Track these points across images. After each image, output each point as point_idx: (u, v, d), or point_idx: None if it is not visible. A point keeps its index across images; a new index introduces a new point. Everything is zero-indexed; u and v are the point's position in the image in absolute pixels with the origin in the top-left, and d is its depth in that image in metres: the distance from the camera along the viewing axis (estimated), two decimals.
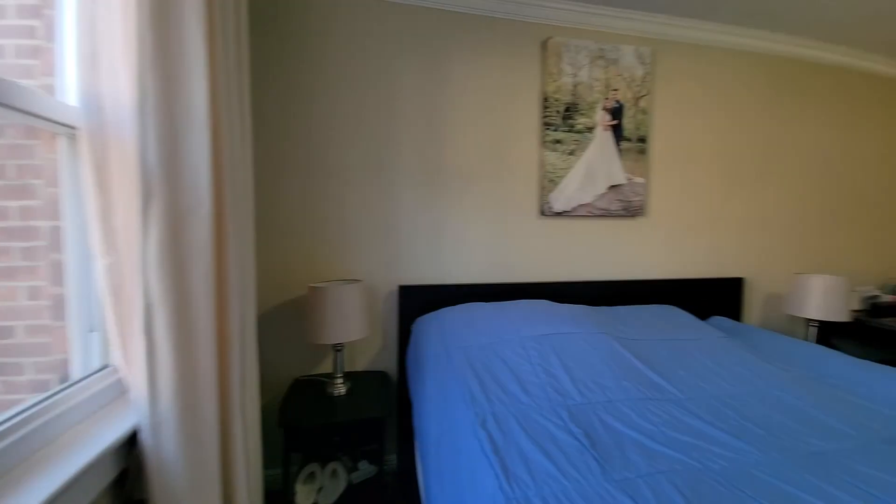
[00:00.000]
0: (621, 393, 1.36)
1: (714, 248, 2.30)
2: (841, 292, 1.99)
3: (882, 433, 1.18)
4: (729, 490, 0.93)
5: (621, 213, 2.08)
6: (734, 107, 2.26)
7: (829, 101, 2.42)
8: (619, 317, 1.83)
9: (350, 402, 1.58)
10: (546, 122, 1.94)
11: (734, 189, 2.30)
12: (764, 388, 1.45)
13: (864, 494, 0.92)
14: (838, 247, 2.54)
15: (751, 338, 1.87)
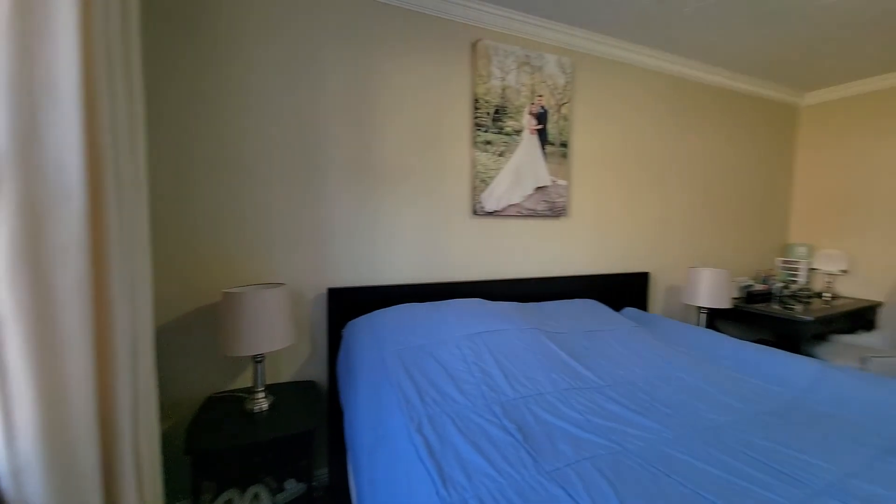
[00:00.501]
0: (550, 385, 1.42)
1: (625, 246, 2.53)
2: (724, 283, 2.31)
3: (765, 406, 1.38)
4: (645, 469, 1.01)
5: (547, 214, 2.18)
6: (640, 119, 2.50)
7: (714, 117, 2.80)
8: (546, 312, 1.92)
9: (273, 417, 1.44)
10: (477, 123, 1.97)
11: (640, 193, 2.55)
12: (669, 370, 1.62)
13: (752, 461, 1.06)
14: (722, 244, 2.95)
15: (656, 326, 2.08)
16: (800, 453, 1.09)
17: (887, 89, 2.74)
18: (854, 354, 2.30)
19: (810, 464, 1.04)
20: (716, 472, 1.00)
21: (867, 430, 1.20)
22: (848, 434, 1.18)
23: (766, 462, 1.05)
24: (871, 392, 1.38)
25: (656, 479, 0.97)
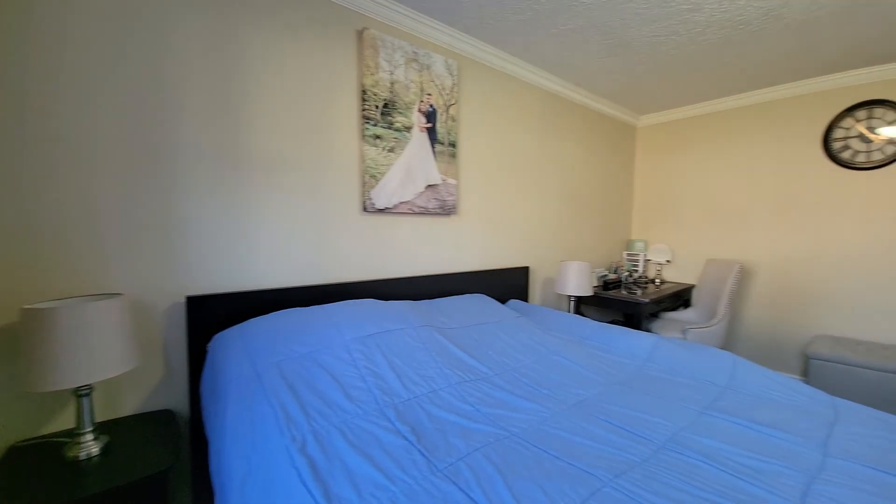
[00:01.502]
0: (443, 381, 1.43)
1: (509, 243, 2.73)
2: (586, 274, 2.66)
3: (619, 377, 1.62)
4: (528, 449, 1.08)
5: (438, 212, 2.22)
6: (519, 127, 2.72)
7: (577, 130, 3.21)
8: (439, 308, 1.95)
9: (108, 463, 1.14)
10: (365, 116, 1.88)
11: (520, 194, 2.78)
12: (546, 354, 1.78)
13: (611, 426, 1.22)
14: (584, 240, 3.41)
15: (536, 315, 2.30)
16: (644, 414, 1.30)
17: (694, 117, 3.50)
18: (678, 327, 2.89)
19: (653, 423, 1.25)
20: (584, 442, 1.13)
21: (691, 389, 1.50)
22: (678, 395, 1.46)
23: (620, 426, 1.23)
24: (690, 357, 1.73)
25: (538, 458, 1.04)
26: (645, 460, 1.05)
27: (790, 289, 3.02)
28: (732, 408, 1.35)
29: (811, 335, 2.90)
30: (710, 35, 2.25)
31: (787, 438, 1.16)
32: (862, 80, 2.66)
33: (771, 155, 3.10)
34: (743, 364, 1.63)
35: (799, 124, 2.96)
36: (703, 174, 3.48)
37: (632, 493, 0.91)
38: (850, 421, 1.25)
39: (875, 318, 2.67)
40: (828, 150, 2.84)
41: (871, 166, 2.67)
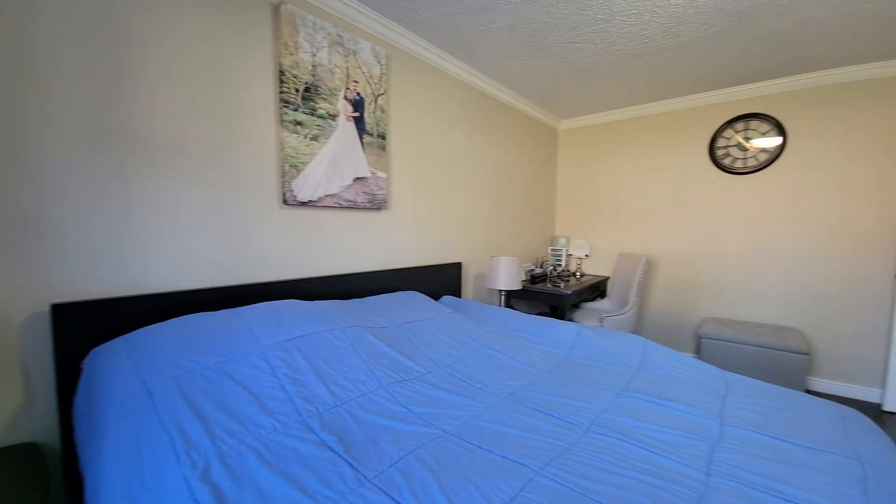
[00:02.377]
0: (374, 383, 1.35)
1: (442, 239, 2.71)
2: (515, 268, 2.75)
3: (547, 366, 1.67)
4: (462, 446, 1.06)
5: (368, 206, 2.11)
6: (450, 123, 2.72)
7: (506, 130, 3.30)
8: (370, 307, 1.85)
9: None
10: (284, 100, 1.72)
11: (452, 190, 2.78)
12: (479, 348, 1.79)
13: (540, 415, 1.25)
14: (513, 236, 3.53)
15: (469, 310, 2.31)
16: (571, 400, 1.35)
17: (608, 123, 3.81)
18: (596, 316, 3.12)
19: (578, 407, 1.30)
20: (516, 433, 1.13)
21: (609, 373, 1.60)
22: (599, 379, 1.54)
23: (549, 413, 1.26)
24: (608, 343, 1.85)
25: (472, 455, 1.02)
26: (573, 445, 1.08)
27: (685, 278, 3.43)
28: (645, 387, 1.47)
29: (701, 318, 3.33)
30: (621, 46, 2.44)
31: (690, 411, 1.28)
32: (741, 96, 3.10)
33: (669, 160, 3.48)
34: (652, 346, 1.79)
35: (691, 133, 3.36)
36: (615, 176, 3.80)
37: (561, 479, 0.92)
38: (738, 392, 1.43)
39: (751, 302, 3.13)
40: (713, 157, 3.27)
41: (746, 171, 3.13)
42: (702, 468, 0.99)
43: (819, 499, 0.85)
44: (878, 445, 1.07)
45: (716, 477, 0.95)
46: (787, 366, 2.62)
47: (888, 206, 2.61)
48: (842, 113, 2.74)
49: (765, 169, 3.06)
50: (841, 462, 0.99)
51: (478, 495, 0.86)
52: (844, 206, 2.76)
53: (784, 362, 2.63)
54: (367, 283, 2.12)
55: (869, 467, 0.96)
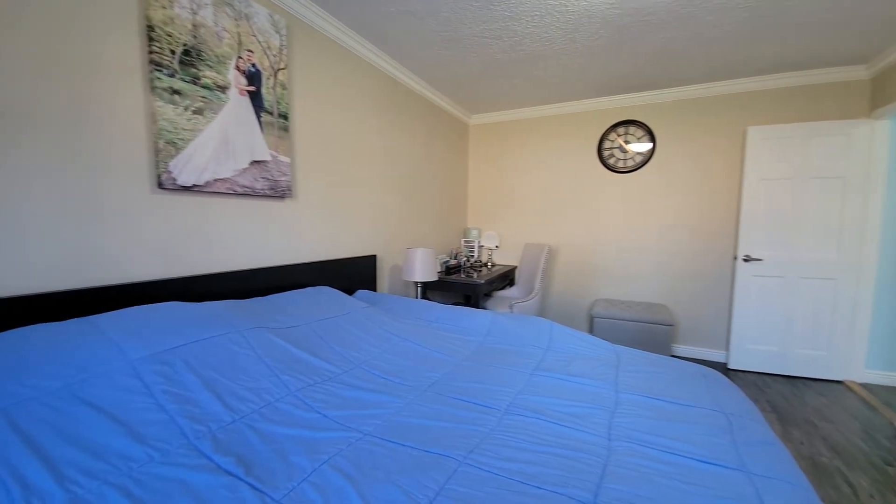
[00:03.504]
0: (282, 390, 1.21)
1: (355, 230, 2.57)
2: (431, 260, 2.75)
3: (465, 354, 1.69)
4: (383, 446, 1.00)
5: (269, 194, 1.89)
6: (361, 109, 2.58)
7: (419, 121, 3.26)
8: (275, 306, 1.66)
9: None
10: (156, 62, 1.43)
11: (365, 179, 2.66)
12: (397, 342, 1.74)
13: (461, 403, 1.25)
14: (427, 228, 3.53)
15: (385, 303, 2.23)
16: (489, 385, 1.38)
17: (514, 120, 4.02)
18: (506, 303, 3.29)
19: (496, 391, 1.33)
20: (438, 425, 1.11)
21: (522, 356, 1.68)
22: (513, 362, 1.61)
23: (469, 401, 1.27)
24: (519, 328, 1.95)
25: (394, 454, 0.97)
26: (493, 429, 1.10)
27: (580, 264, 3.82)
28: (553, 366, 1.58)
29: (593, 299, 3.74)
30: (526, 46, 2.57)
31: (591, 384, 1.41)
32: (622, 104, 3.52)
33: (566, 157, 3.81)
34: (557, 328, 1.94)
35: (584, 134, 3.72)
36: (520, 171, 4.04)
37: (485, 465, 0.93)
38: (627, 362, 1.62)
39: (631, 283, 3.62)
40: (601, 157, 3.67)
41: (627, 170, 3.58)
42: (604, 434, 1.09)
43: (696, 448, 1.00)
44: (735, 398, 1.30)
45: (616, 441, 1.05)
46: (658, 336, 3.08)
47: (729, 203, 3.22)
48: (698, 122, 3.29)
49: (640, 169, 3.53)
50: (710, 415, 1.17)
51: (401, 496, 0.81)
52: (699, 203, 3.33)
53: (655, 333, 3.09)
54: (270, 280, 1.91)
55: (731, 417, 1.16)
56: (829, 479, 1.75)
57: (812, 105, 2.94)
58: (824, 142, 2.85)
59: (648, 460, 0.96)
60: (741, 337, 3.13)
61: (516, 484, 0.86)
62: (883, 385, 2.81)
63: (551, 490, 0.84)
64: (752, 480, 0.88)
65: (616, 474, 0.90)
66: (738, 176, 3.18)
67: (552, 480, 0.87)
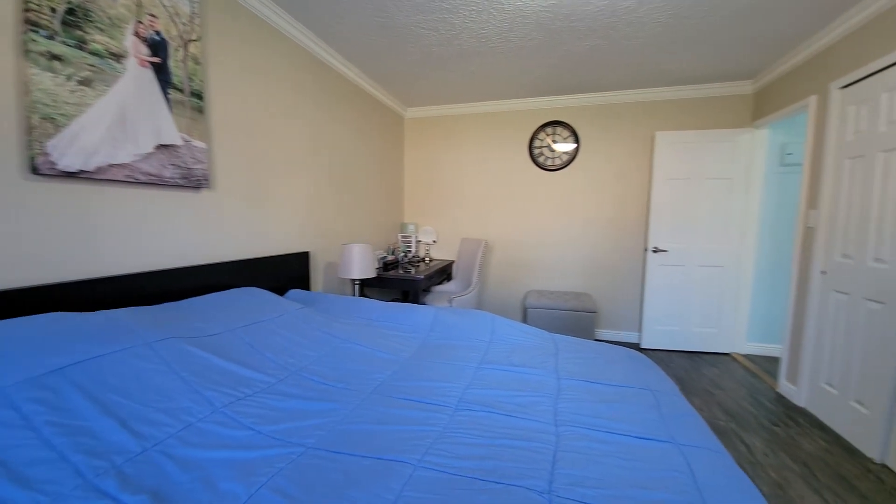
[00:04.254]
0: (205, 407, 1.06)
1: (285, 226, 2.37)
2: (370, 256, 2.65)
3: (409, 352, 1.65)
4: (330, 460, 0.93)
5: (181, 183, 1.65)
6: (289, 93, 2.37)
7: (352, 110, 3.10)
8: (192, 311, 1.46)
9: None
10: (31, 21, 1.15)
11: (295, 169, 2.46)
12: (338, 343, 1.64)
13: (410, 403, 1.21)
14: (363, 223, 3.39)
15: (321, 303, 2.10)
16: (437, 382, 1.36)
17: (451, 116, 4.03)
18: (445, 298, 3.30)
19: (444, 388, 1.32)
20: (389, 430, 1.06)
21: (467, 349, 1.69)
22: (459, 356, 1.61)
23: (419, 400, 1.24)
24: (461, 322, 1.96)
25: (343, 466, 0.90)
26: (445, 427, 1.08)
27: (513, 258, 3.97)
28: (497, 358, 1.60)
29: (526, 290, 3.93)
30: (463, 41, 2.58)
31: (535, 373, 1.46)
32: (550, 105, 3.71)
33: (500, 154, 3.93)
34: (498, 320, 1.98)
35: (516, 133, 3.86)
36: (456, 167, 4.07)
37: (441, 466, 0.90)
38: (564, 349, 1.71)
39: (559, 275, 3.85)
40: (531, 155, 3.84)
41: (555, 168, 3.79)
42: (551, 421, 1.13)
43: (633, 426, 1.07)
44: (657, 376, 1.43)
45: (562, 426, 1.10)
46: (583, 322, 3.33)
47: (641, 200, 3.57)
48: (615, 125, 3.59)
49: (566, 168, 3.76)
50: (639, 393, 1.28)
51: None
52: (616, 200, 3.64)
53: (581, 320, 3.33)
54: (185, 282, 1.68)
55: (657, 394, 1.27)
56: (729, 441, 2.03)
57: (709, 114, 3.37)
58: (716, 147, 3.29)
59: (593, 442, 1.01)
60: (651, 319, 3.50)
61: (474, 482, 0.85)
62: (761, 355, 3.35)
63: (509, 483, 0.84)
64: (681, 451, 0.97)
65: (566, 459, 0.94)
66: (649, 176, 3.53)
67: (509, 473, 0.88)
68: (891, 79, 1.90)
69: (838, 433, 2.09)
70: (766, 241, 3.31)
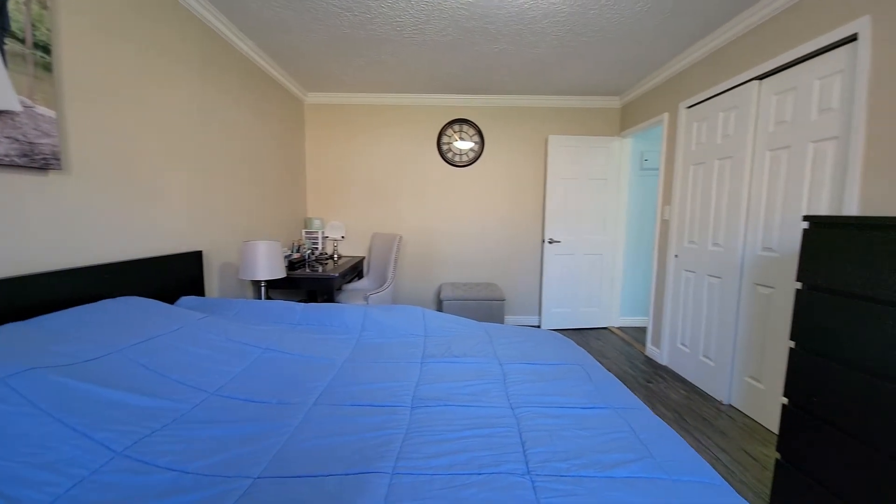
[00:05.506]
0: (98, 454, 0.82)
1: (171, 220, 1.96)
2: (278, 254, 2.37)
3: (345, 355, 1.53)
4: (288, 488, 0.81)
5: (19, 163, 1.23)
6: (175, 64, 1.95)
7: (246, 90, 2.71)
8: (55, 331, 1.10)
9: None
10: None
11: (181, 154, 2.05)
12: (259, 354, 1.43)
13: (358, 410, 1.13)
14: (263, 218, 3.02)
15: (228, 309, 1.80)
16: (384, 383, 1.29)
17: (356, 105, 3.83)
18: (360, 295, 3.15)
19: (394, 388, 1.26)
20: (348, 440, 0.97)
21: (406, 346, 1.64)
22: (399, 354, 1.55)
23: (371, 404, 1.16)
24: (393, 319, 1.89)
25: (304, 490, 0.79)
26: (408, 428, 1.03)
27: (426, 252, 4.01)
28: (437, 351, 1.60)
29: (439, 284, 4.01)
30: (377, 26, 2.47)
31: (477, 361, 1.49)
32: (459, 103, 3.82)
33: (411, 149, 3.90)
34: (429, 314, 1.97)
35: (426, 128, 3.88)
36: (365, 159, 3.91)
37: (418, 469, 0.86)
38: (496, 336, 1.79)
39: (469, 267, 4.02)
40: (440, 151, 3.91)
41: (462, 165, 3.93)
42: (506, 405, 1.17)
43: (577, 398, 1.18)
44: (579, 352, 1.60)
45: (518, 408, 1.15)
46: (494, 311, 3.55)
47: (538, 196, 3.94)
48: (516, 127, 3.87)
49: (473, 164, 3.93)
50: (572, 368, 1.41)
51: None
52: (517, 196, 3.95)
53: (492, 308, 3.54)
54: (37, 294, 1.26)
55: (584, 367, 1.42)
56: None
57: (589, 123, 3.87)
58: (595, 152, 3.81)
59: (549, 418, 1.08)
60: (548, 303, 3.92)
61: (455, 477, 0.84)
62: (632, 327, 4.02)
63: (490, 472, 0.85)
64: (619, 414, 1.11)
65: (532, 438, 0.98)
66: (544, 174, 3.92)
67: (486, 462, 0.88)
68: (724, 102, 2.45)
69: (693, 383, 2.65)
70: (633, 232, 3.99)
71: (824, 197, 1.84)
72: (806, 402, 1.33)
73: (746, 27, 2.24)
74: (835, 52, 1.78)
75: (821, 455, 1.26)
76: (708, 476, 0.85)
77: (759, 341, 2.17)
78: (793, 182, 2.00)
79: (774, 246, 2.10)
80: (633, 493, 0.78)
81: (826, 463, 1.24)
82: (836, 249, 1.24)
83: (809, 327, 1.32)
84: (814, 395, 1.30)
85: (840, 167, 1.76)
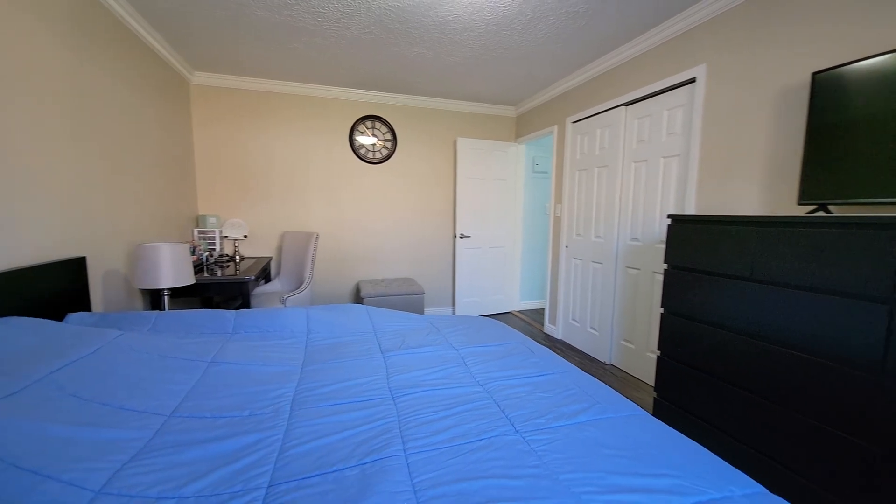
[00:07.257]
0: (78, 496, 0.71)
1: (40, 221, 1.57)
2: (186, 258, 2.08)
3: (300, 360, 1.48)
4: (308, 489, 0.83)
5: None
6: (32, 13, 1.54)
7: (121, 61, 2.25)
8: None
9: None
10: None
11: (51, 147, 1.65)
12: (206, 367, 1.31)
13: (340, 406, 1.16)
14: (147, 217, 2.56)
15: (143, 324, 1.55)
16: (353, 381, 1.32)
17: (255, 91, 3.48)
18: (275, 298, 2.94)
19: (367, 383, 1.30)
20: (344, 437, 1.00)
21: (363, 344, 1.66)
22: (356, 352, 1.57)
23: (349, 401, 1.19)
24: (337, 319, 1.88)
25: (325, 488, 0.82)
26: (399, 416, 1.11)
27: (342, 249, 3.90)
28: (394, 345, 1.67)
29: (357, 281, 3.95)
30: (296, 13, 2.34)
31: (435, 350, 1.61)
32: (373, 100, 3.80)
33: (322, 143, 3.73)
34: (373, 310, 2.01)
35: (337, 122, 3.76)
36: (269, 151, 3.60)
37: (427, 447, 0.95)
38: (441, 326, 1.93)
39: (385, 263, 4.05)
40: (352, 147, 3.85)
41: (376, 161, 3.93)
42: (475, 382, 1.33)
43: (531, 370, 1.40)
44: (513, 332, 1.85)
45: (486, 384, 1.31)
46: (414, 304, 3.68)
47: (449, 194, 4.18)
48: (427, 128, 4.03)
49: (386, 161, 3.97)
50: (517, 346, 1.64)
51: None
52: (430, 193, 4.13)
53: (412, 302, 3.67)
54: None
55: (525, 343, 1.66)
56: None
57: (492, 128, 4.26)
58: (497, 154, 4.22)
59: (514, 388, 1.27)
60: (461, 294, 4.22)
61: (462, 446, 0.96)
62: (529, 309, 4.59)
63: (489, 437, 0.99)
64: (563, 376, 1.36)
65: (508, 405, 1.16)
66: (454, 173, 4.18)
67: (480, 430, 1.02)
68: (601, 121, 3.00)
69: (584, 351, 3.21)
70: (529, 226, 4.54)
71: (672, 199, 2.46)
72: (673, 352, 1.81)
73: (617, 62, 2.80)
74: (679, 89, 2.39)
75: (685, 389, 1.74)
76: (637, 410, 1.14)
77: (630, 311, 2.78)
78: (650, 187, 2.61)
79: (639, 237, 2.71)
80: (598, 430, 1.01)
81: (690, 395, 1.73)
82: (690, 239, 1.72)
83: (674, 296, 1.80)
84: (679, 346, 1.78)
85: (682, 177, 2.37)
